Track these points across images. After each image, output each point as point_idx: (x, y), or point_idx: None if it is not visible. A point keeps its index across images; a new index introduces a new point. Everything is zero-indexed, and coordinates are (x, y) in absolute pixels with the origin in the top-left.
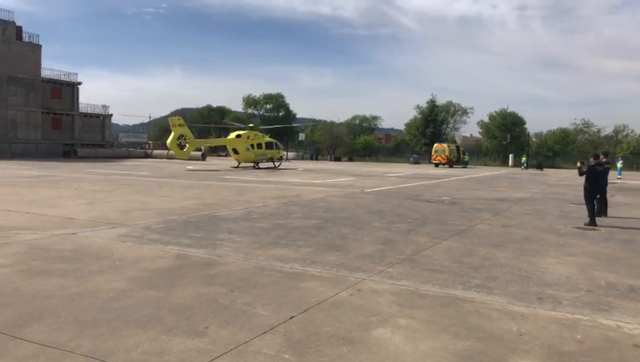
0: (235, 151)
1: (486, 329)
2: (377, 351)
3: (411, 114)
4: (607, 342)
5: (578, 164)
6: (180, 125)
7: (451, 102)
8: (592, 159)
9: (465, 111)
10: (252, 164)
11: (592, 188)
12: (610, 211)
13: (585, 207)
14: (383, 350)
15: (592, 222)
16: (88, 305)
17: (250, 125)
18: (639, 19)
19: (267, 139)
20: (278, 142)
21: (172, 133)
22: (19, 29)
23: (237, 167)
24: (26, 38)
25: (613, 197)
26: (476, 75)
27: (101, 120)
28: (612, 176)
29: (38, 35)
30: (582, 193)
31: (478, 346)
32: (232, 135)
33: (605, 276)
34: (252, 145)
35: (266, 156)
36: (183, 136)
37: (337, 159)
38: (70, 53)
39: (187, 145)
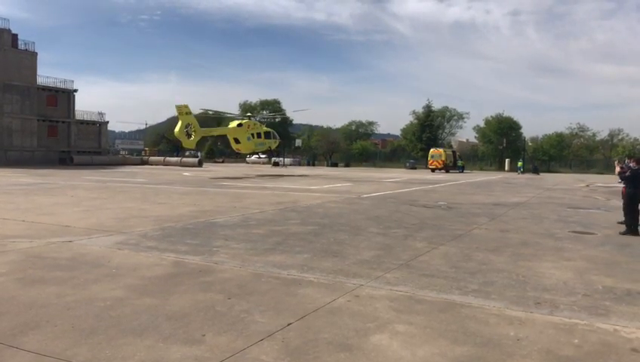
0: (237, 141)
1: (484, 334)
2: (375, 358)
3: (407, 119)
4: (604, 347)
5: (618, 169)
6: (186, 113)
7: (447, 107)
8: (633, 163)
9: (461, 116)
10: (248, 154)
11: (635, 194)
12: (607, 215)
13: (584, 212)
14: (381, 356)
15: (635, 231)
16: (85, 313)
17: (248, 114)
18: (632, 24)
19: (265, 128)
20: (275, 132)
21: (179, 122)
22: (14, 37)
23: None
24: (21, 46)
25: (609, 201)
26: (471, 80)
27: (97, 127)
28: (613, 179)
29: (34, 43)
30: (577, 198)
31: (475, 351)
32: (233, 124)
33: (602, 280)
34: (252, 135)
35: (265, 146)
36: (189, 124)
37: (334, 165)
38: (66, 60)
39: (193, 134)
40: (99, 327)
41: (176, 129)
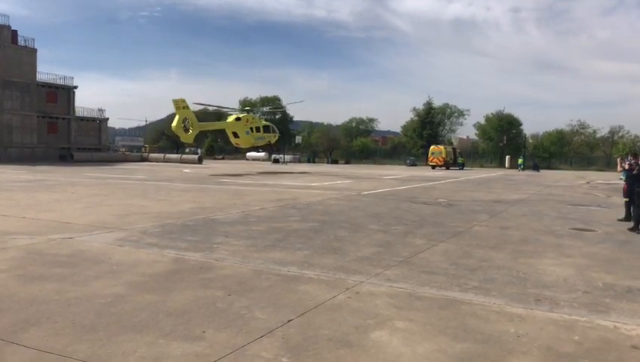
0: (235, 135)
1: (484, 331)
2: (375, 354)
3: (408, 116)
4: (604, 344)
5: (626, 166)
6: (183, 107)
7: (447, 104)
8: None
9: (461, 113)
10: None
11: None
12: (607, 212)
13: (584, 209)
14: (381, 352)
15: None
16: (85, 309)
17: (247, 108)
18: (632, 20)
19: (264, 122)
20: (274, 126)
21: (177, 116)
22: (14, 33)
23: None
24: (21, 42)
25: (609, 198)
26: (472, 77)
27: (97, 124)
28: (614, 177)
29: (34, 39)
30: (578, 195)
31: (476, 348)
32: (232, 118)
33: (602, 277)
34: (251, 129)
35: (264, 140)
36: (186, 119)
37: (334, 162)
38: (66, 57)
39: (191, 128)
40: (99, 324)
41: (174, 123)
